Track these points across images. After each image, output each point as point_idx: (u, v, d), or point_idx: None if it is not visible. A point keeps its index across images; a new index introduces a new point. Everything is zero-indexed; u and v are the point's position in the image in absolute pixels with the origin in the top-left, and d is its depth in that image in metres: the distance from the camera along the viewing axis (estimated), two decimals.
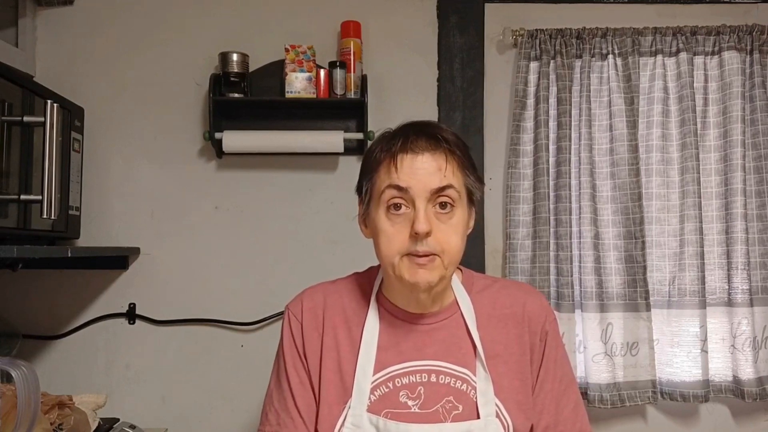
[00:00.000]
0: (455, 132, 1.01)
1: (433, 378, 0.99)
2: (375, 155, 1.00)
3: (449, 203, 0.95)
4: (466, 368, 1.00)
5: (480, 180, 1.02)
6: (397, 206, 0.95)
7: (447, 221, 0.95)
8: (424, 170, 0.94)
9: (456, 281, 1.07)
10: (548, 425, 1.03)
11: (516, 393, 1.01)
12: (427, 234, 0.92)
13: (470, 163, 1.00)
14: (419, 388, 0.99)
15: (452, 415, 0.97)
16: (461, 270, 1.11)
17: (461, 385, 0.99)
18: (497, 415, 0.98)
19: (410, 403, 0.98)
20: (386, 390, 0.99)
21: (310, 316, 1.06)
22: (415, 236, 0.92)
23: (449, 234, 0.94)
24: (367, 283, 1.09)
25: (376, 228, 0.98)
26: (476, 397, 0.98)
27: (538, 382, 1.04)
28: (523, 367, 1.03)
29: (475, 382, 0.99)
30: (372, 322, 1.03)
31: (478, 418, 0.97)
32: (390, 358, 1.01)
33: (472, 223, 1.03)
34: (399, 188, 0.94)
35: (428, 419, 0.97)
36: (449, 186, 0.94)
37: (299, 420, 1.01)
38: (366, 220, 1.03)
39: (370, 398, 0.98)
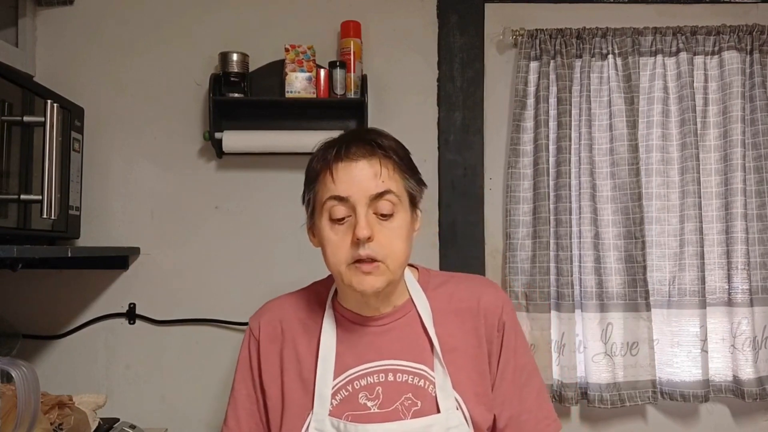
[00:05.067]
0: (393, 137, 1.02)
1: (391, 377, 1.01)
2: (314, 166, 1.02)
3: (390, 209, 0.97)
4: (423, 364, 1.01)
5: (421, 182, 1.04)
6: (340, 216, 0.96)
7: (388, 226, 0.97)
8: (360, 177, 0.95)
9: (412, 279, 1.08)
10: (512, 416, 1.04)
11: (474, 386, 1.02)
12: (369, 239, 0.93)
13: (409, 166, 1.01)
14: (377, 388, 1.00)
15: (412, 411, 0.99)
16: (417, 268, 1.12)
17: (419, 382, 1.00)
18: (457, 408, 0.99)
19: (369, 404, 0.99)
20: (346, 393, 1.01)
21: (268, 330, 1.09)
22: (357, 242, 0.94)
23: (391, 238, 0.96)
24: (324, 291, 1.11)
25: (321, 238, 1.00)
26: (435, 392, 1.00)
27: (498, 372, 1.05)
28: (480, 360, 1.04)
29: (433, 378, 1.00)
30: (328, 329, 1.05)
31: (438, 412, 0.98)
32: (348, 361, 1.02)
33: (418, 225, 1.05)
34: (339, 198, 0.96)
35: (387, 418, 0.98)
36: (388, 191, 0.96)
37: (235, 429, 1.09)
38: (313, 230, 1.04)
39: (332, 403, 1.00)
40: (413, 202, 1.02)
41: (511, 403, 1.04)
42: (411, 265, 1.11)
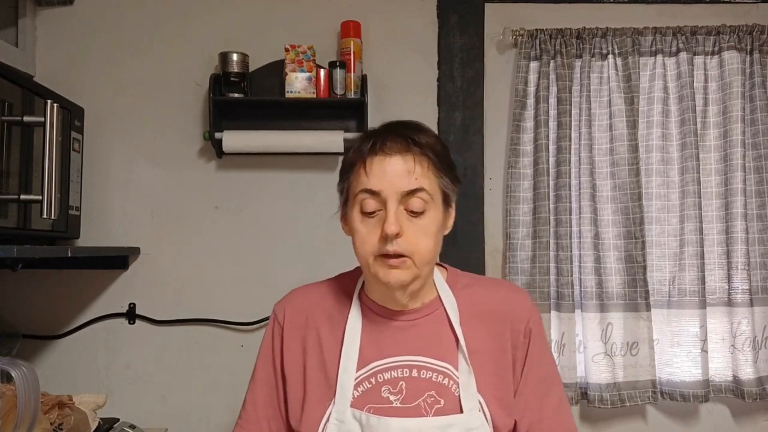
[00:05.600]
0: (433, 133, 1.02)
1: (415, 373, 1.00)
2: (350, 156, 1.01)
3: (421, 207, 0.96)
4: (447, 363, 1.01)
5: (456, 180, 1.03)
6: (371, 209, 0.96)
7: (418, 223, 0.96)
8: (393, 173, 0.95)
9: (440, 278, 1.08)
10: (531, 422, 1.04)
11: (495, 389, 1.02)
12: (397, 235, 0.93)
13: (446, 164, 1.00)
14: (401, 383, 1.00)
15: (434, 409, 0.98)
16: (446, 268, 1.12)
17: (443, 380, 1.00)
18: (479, 410, 0.99)
19: (392, 398, 0.99)
20: (369, 386, 1.00)
21: (293, 317, 1.08)
22: (385, 237, 0.93)
23: (419, 235, 0.96)
24: (351, 283, 1.10)
25: (352, 228, 1.00)
26: (458, 392, 0.99)
27: (522, 379, 1.05)
28: (503, 364, 1.03)
29: (457, 377, 1.00)
30: (354, 320, 1.04)
31: (461, 412, 0.98)
32: (372, 354, 1.02)
33: (450, 223, 1.05)
34: (371, 192, 0.96)
35: (410, 413, 0.98)
36: (420, 189, 0.95)
37: (253, 414, 1.09)
38: (345, 218, 1.04)
39: (353, 394, 1.00)
40: (446, 201, 1.02)
41: (532, 411, 1.04)
42: (440, 265, 1.11)
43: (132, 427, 1.57)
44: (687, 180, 1.77)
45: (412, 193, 0.95)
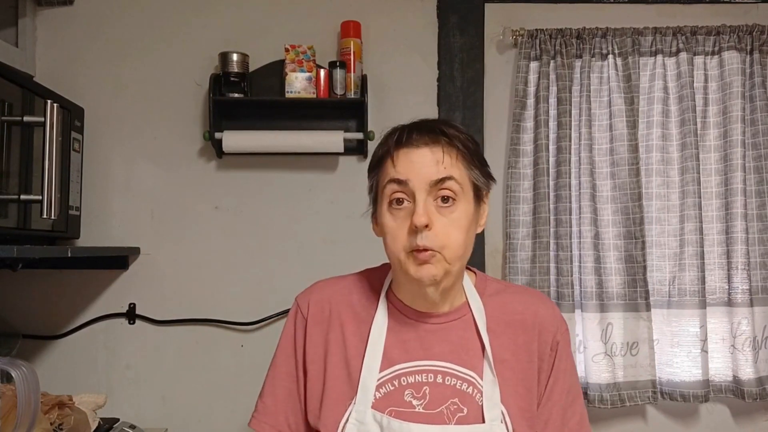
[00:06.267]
0: (464, 129, 0.99)
1: (439, 379, 0.98)
2: (376, 152, 1.00)
3: (450, 197, 0.94)
4: (472, 371, 0.99)
5: (488, 175, 1.00)
6: (399, 201, 0.94)
7: (448, 215, 0.93)
8: (421, 162, 0.93)
9: (469, 283, 1.05)
10: None
11: (520, 400, 1.00)
12: (426, 227, 0.91)
13: (477, 158, 0.98)
14: (425, 388, 0.98)
15: (456, 417, 0.96)
16: (475, 273, 1.10)
17: (467, 388, 0.98)
18: (501, 421, 0.97)
19: (415, 402, 0.97)
20: (391, 388, 0.98)
21: (316, 310, 1.06)
22: (415, 230, 0.91)
23: (449, 228, 0.93)
24: (378, 280, 1.08)
25: (382, 225, 0.98)
26: (482, 401, 0.97)
27: (546, 391, 1.03)
28: (528, 374, 1.01)
29: (482, 386, 0.98)
30: (381, 320, 1.02)
31: (483, 422, 0.96)
32: (397, 356, 1.00)
33: (483, 221, 1.02)
34: (399, 182, 0.94)
35: (432, 420, 0.96)
36: (449, 177, 0.93)
37: (272, 406, 1.05)
38: (376, 218, 1.02)
39: (375, 395, 0.98)
40: (478, 195, 0.99)
41: (555, 424, 1.02)
42: (469, 269, 1.08)
43: (132, 427, 1.57)
44: (687, 180, 1.77)
45: (441, 182, 0.92)
